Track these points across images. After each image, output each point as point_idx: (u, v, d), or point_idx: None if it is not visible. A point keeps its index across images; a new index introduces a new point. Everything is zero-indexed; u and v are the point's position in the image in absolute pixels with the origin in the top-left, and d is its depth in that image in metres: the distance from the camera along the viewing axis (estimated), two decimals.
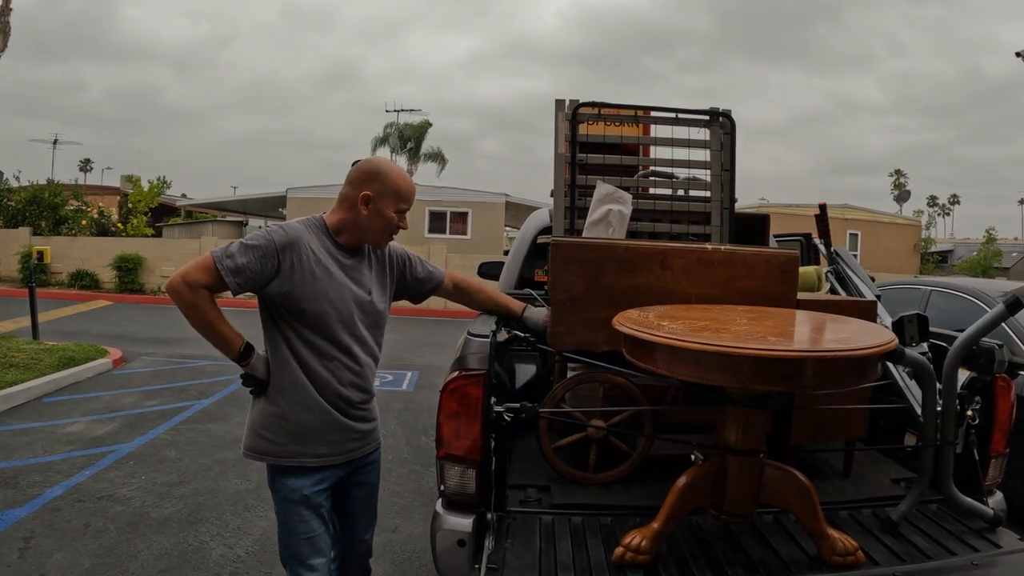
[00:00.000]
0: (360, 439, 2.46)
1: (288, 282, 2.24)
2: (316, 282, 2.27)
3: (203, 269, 2.19)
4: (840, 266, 3.63)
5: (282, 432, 2.31)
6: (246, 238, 2.27)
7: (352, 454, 2.44)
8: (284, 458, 2.32)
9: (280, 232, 2.27)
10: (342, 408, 2.36)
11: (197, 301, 2.19)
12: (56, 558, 3.78)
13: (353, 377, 2.38)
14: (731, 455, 2.24)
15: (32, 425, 6.30)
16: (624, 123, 3.71)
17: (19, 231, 20.74)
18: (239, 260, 2.20)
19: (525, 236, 4.71)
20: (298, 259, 2.25)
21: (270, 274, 2.22)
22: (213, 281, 2.19)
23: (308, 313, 2.27)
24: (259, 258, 2.21)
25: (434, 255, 20.84)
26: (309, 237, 2.31)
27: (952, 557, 2.27)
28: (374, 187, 2.32)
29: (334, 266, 2.33)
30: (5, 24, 13.38)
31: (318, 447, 2.34)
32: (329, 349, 2.32)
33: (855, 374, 1.99)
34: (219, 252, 2.21)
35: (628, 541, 2.19)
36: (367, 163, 2.39)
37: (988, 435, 2.74)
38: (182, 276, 2.18)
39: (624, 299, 2.63)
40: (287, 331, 2.30)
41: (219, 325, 2.25)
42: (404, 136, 34.16)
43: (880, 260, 26.00)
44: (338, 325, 2.32)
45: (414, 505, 4.80)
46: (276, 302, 2.29)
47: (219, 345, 2.28)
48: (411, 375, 9.46)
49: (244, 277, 2.20)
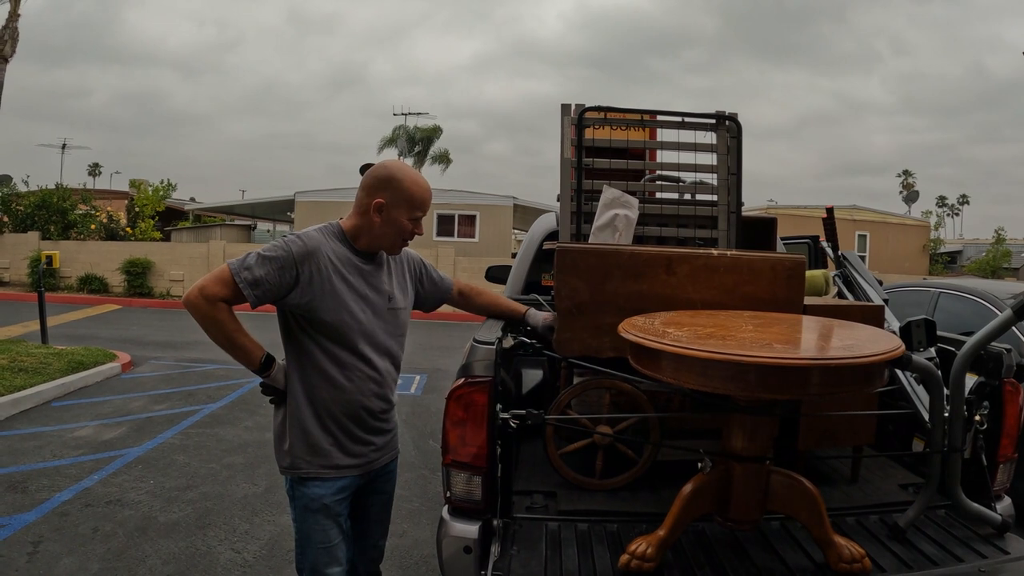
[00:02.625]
0: (380, 449, 2.46)
1: (307, 293, 2.21)
2: (335, 292, 2.25)
3: (221, 282, 2.16)
4: (847, 270, 3.61)
5: (304, 444, 2.30)
6: (264, 248, 2.23)
7: (372, 464, 2.44)
8: (306, 469, 2.31)
9: (298, 242, 2.24)
10: (363, 419, 2.36)
11: (216, 314, 2.17)
12: (65, 562, 3.79)
13: (375, 387, 2.37)
14: (737, 462, 2.24)
15: (41, 429, 6.33)
16: (630, 127, 3.71)
17: (28, 235, 20.86)
18: (257, 272, 2.17)
19: (532, 240, 4.71)
20: (316, 269, 2.22)
21: (289, 286, 2.20)
22: (231, 294, 2.17)
23: (328, 324, 2.25)
24: (277, 270, 2.18)
25: (442, 258, 20.88)
26: (327, 246, 2.28)
27: (960, 564, 2.26)
28: (386, 195, 2.28)
29: (354, 274, 2.31)
30: (14, 30, 13.45)
31: (339, 457, 2.33)
32: (350, 359, 2.30)
33: (862, 381, 1.98)
34: (236, 264, 2.18)
35: (634, 548, 2.18)
36: (381, 168, 2.34)
37: (996, 440, 2.73)
38: (200, 289, 2.15)
39: (630, 305, 2.62)
40: (307, 342, 2.28)
41: (239, 337, 2.22)
42: (413, 139, 34.20)
43: (889, 261, 25.93)
44: (358, 335, 2.30)
45: (421, 510, 4.80)
46: (295, 313, 2.27)
47: (240, 357, 2.26)
48: (419, 379, 9.46)
49: (262, 289, 2.17)
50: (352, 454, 2.36)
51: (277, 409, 2.38)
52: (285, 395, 2.32)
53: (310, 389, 2.29)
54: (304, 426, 2.30)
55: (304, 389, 2.30)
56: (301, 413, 2.30)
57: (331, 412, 2.31)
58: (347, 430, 2.34)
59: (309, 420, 2.30)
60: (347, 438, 2.34)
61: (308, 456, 2.31)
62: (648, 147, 3.83)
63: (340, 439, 2.33)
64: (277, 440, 2.37)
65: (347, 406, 2.32)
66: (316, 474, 2.31)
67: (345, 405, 2.32)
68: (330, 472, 2.32)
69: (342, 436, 2.33)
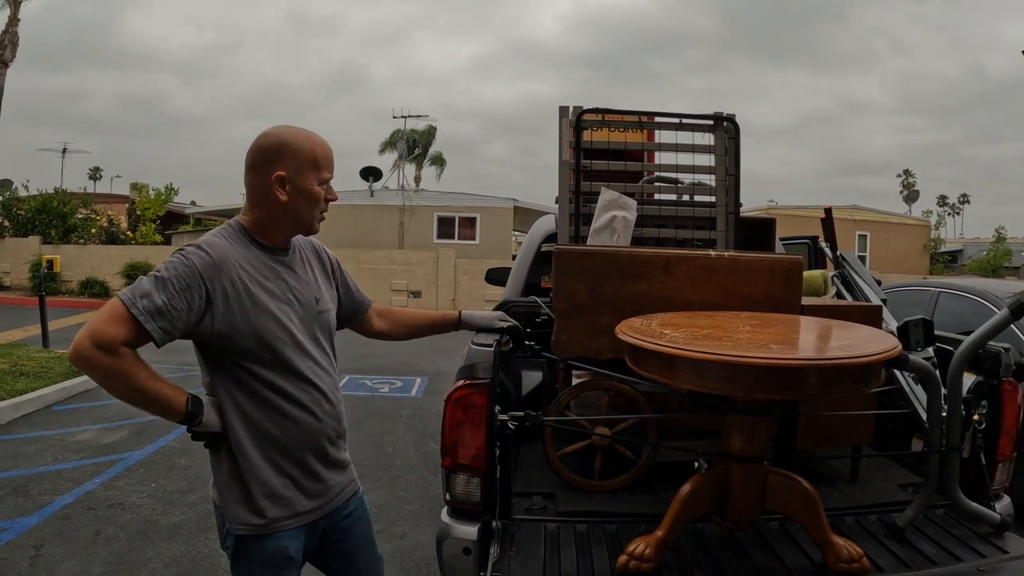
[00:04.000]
0: (342, 482, 2.09)
1: (224, 315, 1.79)
2: (259, 307, 1.84)
3: (116, 320, 1.68)
4: (846, 270, 3.62)
5: (261, 494, 1.89)
6: (158, 268, 1.78)
7: (334, 501, 2.05)
8: (270, 525, 1.90)
9: (200, 253, 1.79)
10: (324, 450, 1.99)
11: (121, 366, 1.68)
12: (66, 566, 3.80)
13: (329, 408, 2.00)
14: (735, 462, 2.24)
15: (42, 433, 6.35)
16: (628, 129, 3.71)
17: (29, 240, 20.91)
18: (157, 299, 1.70)
19: (531, 242, 4.71)
20: (230, 283, 1.81)
21: (200, 310, 1.76)
22: (132, 333, 1.69)
23: (259, 347, 1.85)
24: (181, 291, 1.74)
25: (442, 260, 20.91)
26: (234, 251, 1.86)
27: (959, 563, 2.26)
28: (285, 163, 1.88)
29: (273, 278, 1.91)
30: (14, 35, 13.49)
31: (301, 502, 1.95)
32: (294, 383, 1.91)
33: (858, 381, 1.99)
34: (129, 294, 1.71)
35: (632, 549, 2.19)
36: (267, 138, 1.92)
37: (995, 439, 2.73)
38: (91, 337, 1.65)
39: (627, 306, 2.63)
40: (239, 373, 1.86)
41: (153, 386, 1.75)
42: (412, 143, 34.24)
43: (889, 261, 25.92)
44: (296, 352, 1.91)
45: (422, 512, 4.81)
46: (214, 342, 1.83)
47: (158, 410, 1.78)
48: (420, 381, 9.47)
49: (168, 319, 1.72)
50: (314, 495, 1.98)
51: (215, 454, 1.93)
52: (225, 436, 1.87)
53: (254, 429, 1.87)
54: (257, 474, 1.88)
55: (247, 429, 1.87)
56: (249, 459, 1.87)
57: (286, 450, 1.91)
58: (307, 467, 1.96)
59: (261, 465, 1.88)
60: (307, 477, 1.96)
61: (269, 506, 1.89)
62: (646, 149, 3.84)
63: (300, 480, 1.94)
64: (222, 493, 1.93)
65: (305, 440, 1.93)
66: (281, 527, 1.92)
67: (302, 439, 1.93)
68: (293, 521, 1.94)
69: (301, 476, 1.95)
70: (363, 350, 11.94)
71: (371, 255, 20.73)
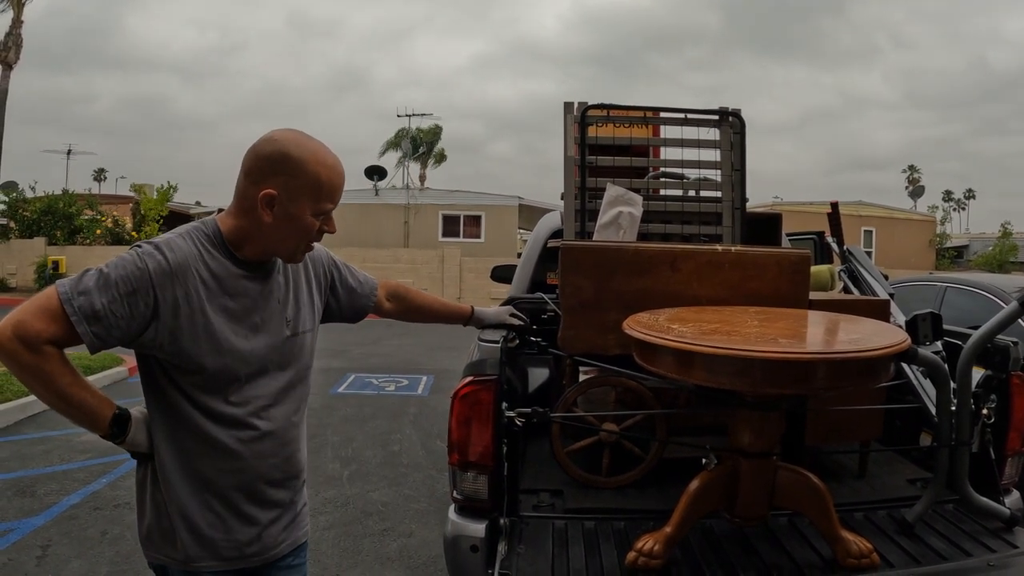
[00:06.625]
0: (285, 529, 1.86)
1: (172, 329, 1.58)
2: (211, 328, 1.62)
3: (46, 314, 1.49)
4: (853, 264, 3.60)
5: (183, 529, 1.69)
6: (107, 263, 1.57)
7: (272, 551, 1.82)
8: (183, 561, 1.70)
9: (156, 256, 1.58)
10: (260, 492, 1.76)
11: (41, 365, 1.49)
12: (73, 566, 3.81)
13: (274, 446, 1.77)
14: (744, 458, 2.23)
15: (49, 434, 6.36)
16: (633, 124, 3.70)
17: (35, 241, 20.99)
18: (97, 300, 1.51)
19: (537, 239, 4.71)
20: (184, 294, 1.59)
21: (144, 320, 1.56)
22: (60, 332, 1.50)
23: (204, 370, 1.63)
24: (126, 296, 1.53)
25: (447, 259, 20.94)
26: (197, 258, 1.63)
27: (968, 558, 2.25)
28: (279, 182, 1.61)
29: (237, 296, 1.68)
30: (17, 36, 13.52)
31: (226, 548, 1.73)
32: (238, 414, 1.69)
33: (868, 375, 1.98)
34: (67, 288, 1.52)
35: (641, 546, 2.18)
36: (268, 144, 1.64)
37: (1004, 433, 2.72)
38: (14, 328, 1.47)
39: (634, 302, 2.62)
40: (176, 395, 1.65)
41: (76, 393, 1.56)
42: (417, 142, 34.29)
43: (895, 256, 25.83)
44: (248, 382, 1.70)
45: (429, 510, 4.81)
46: (157, 356, 1.63)
47: (79, 420, 1.60)
48: (426, 379, 9.47)
49: (104, 325, 1.52)
50: (245, 542, 1.75)
51: (141, 468, 1.74)
52: (151, 456, 1.69)
53: (185, 458, 1.67)
54: (181, 507, 1.68)
55: (176, 457, 1.67)
56: (173, 488, 1.67)
57: (215, 488, 1.70)
58: (238, 510, 1.73)
59: (186, 498, 1.68)
60: (238, 520, 1.74)
61: (190, 543, 1.69)
62: (651, 144, 3.83)
63: (229, 522, 1.72)
64: (143, 518, 1.74)
65: (238, 478, 1.71)
66: (204, 567, 1.71)
67: (234, 477, 1.71)
68: (217, 564, 1.72)
69: (231, 518, 1.73)
70: (369, 349, 11.98)
71: (376, 254, 20.77)
